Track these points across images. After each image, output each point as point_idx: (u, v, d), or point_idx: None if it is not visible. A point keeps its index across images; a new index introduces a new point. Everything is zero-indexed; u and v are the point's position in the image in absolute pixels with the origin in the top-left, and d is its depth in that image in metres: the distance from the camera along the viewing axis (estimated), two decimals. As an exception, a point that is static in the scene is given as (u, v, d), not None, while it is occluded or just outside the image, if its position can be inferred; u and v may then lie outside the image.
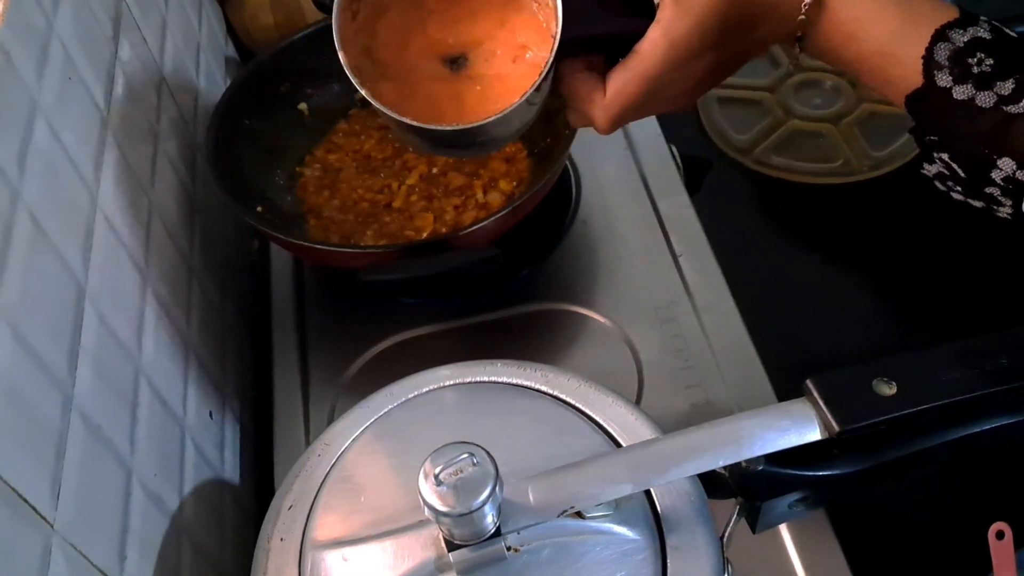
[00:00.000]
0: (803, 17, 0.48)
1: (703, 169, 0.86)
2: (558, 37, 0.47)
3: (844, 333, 0.80)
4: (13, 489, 0.37)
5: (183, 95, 0.74)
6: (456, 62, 0.51)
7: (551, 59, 0.47)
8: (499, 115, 0.47)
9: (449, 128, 0.48)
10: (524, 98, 0.47)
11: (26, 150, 0.45)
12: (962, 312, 0.80)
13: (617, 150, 0.81)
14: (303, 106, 0.81)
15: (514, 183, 0.75)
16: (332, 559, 0.41)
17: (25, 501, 0.37)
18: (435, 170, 0.77)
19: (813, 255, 0.88)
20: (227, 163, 0.72)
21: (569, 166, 0.81)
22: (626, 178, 0.80)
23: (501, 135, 0.51)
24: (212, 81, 0.84)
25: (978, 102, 0.45)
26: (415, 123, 0.47)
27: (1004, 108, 0.44)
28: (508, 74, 0.51)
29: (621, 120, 0.51)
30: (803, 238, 0.90)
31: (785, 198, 0.92)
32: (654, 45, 0.48)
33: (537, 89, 0.47)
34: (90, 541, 0.42)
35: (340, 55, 0.48)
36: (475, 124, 0.48)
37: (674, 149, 0.82)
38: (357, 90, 0.48)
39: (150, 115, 0.65)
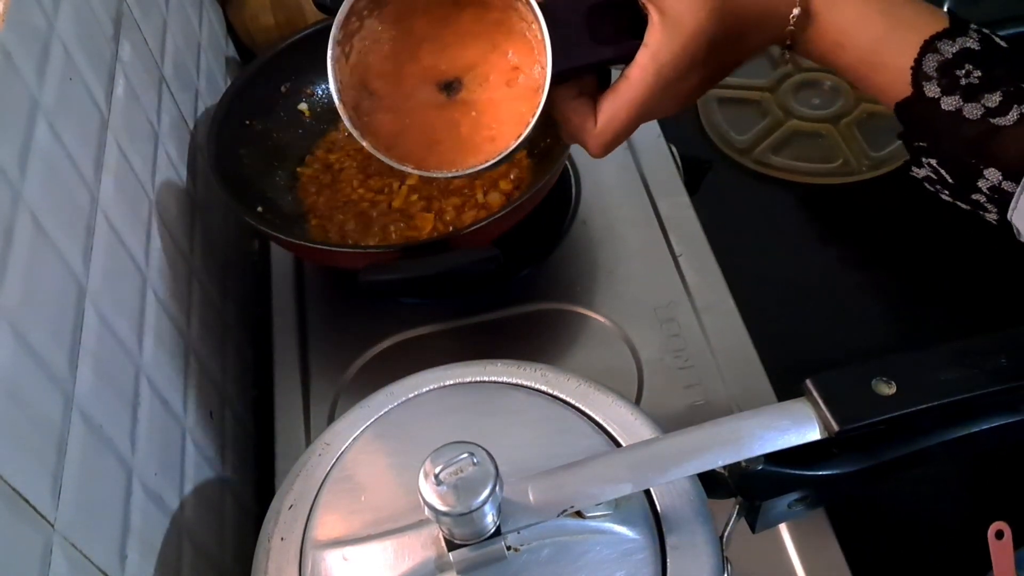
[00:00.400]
0: (791, 27, 0.48)
1: (703, 169, 0.86)
2: (548, 78, 0.47)
3: (844, 333, 0.80)
4: (14, 489, 0.37)
5: (183, 95, 0.74)
6: (450, 87, 0.52)
7: (542, 101, 0.47)
8: (490, 162, 0.49)
9: (445, 175, 0.50)
10: (516, 143, 0.48)
11: (27, 150, 0.45)
12: (962, 312, 0.80)
13: (617, 151, 0.81)
14: (303, 106, 0.82)
15: (514, 183, 0.75)
16: (332, 558, 0.41)
17: (26, 501, 0.37)
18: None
19: (812, 255, 0.88)
20: (228, 163, 0.72)
21: (569, 166, 0.81)
22: (626, 178, 0.80)
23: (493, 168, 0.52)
24: (212, 81, 0.84)
25: (965, 113, 0.45)
26: (415, 170, 0.50)
27: (991, 120, 0.45)
28: (502, 98, 0.51)
29: (613, 145, 0.51)
30: (802, 238, 0.90)
31: (784, 198, 0.92)
32: (643, 71, 0.48)
33: (529, 131, 0.48)
34: (91, 541, 0.42)
35: (339, 107, 0.49)
36: (468, 171, 0.50)
37: (674, 149, 0.82)
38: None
39: (151, 115, 0.65)
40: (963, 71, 0.45)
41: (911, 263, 0.85)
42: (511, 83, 0.51)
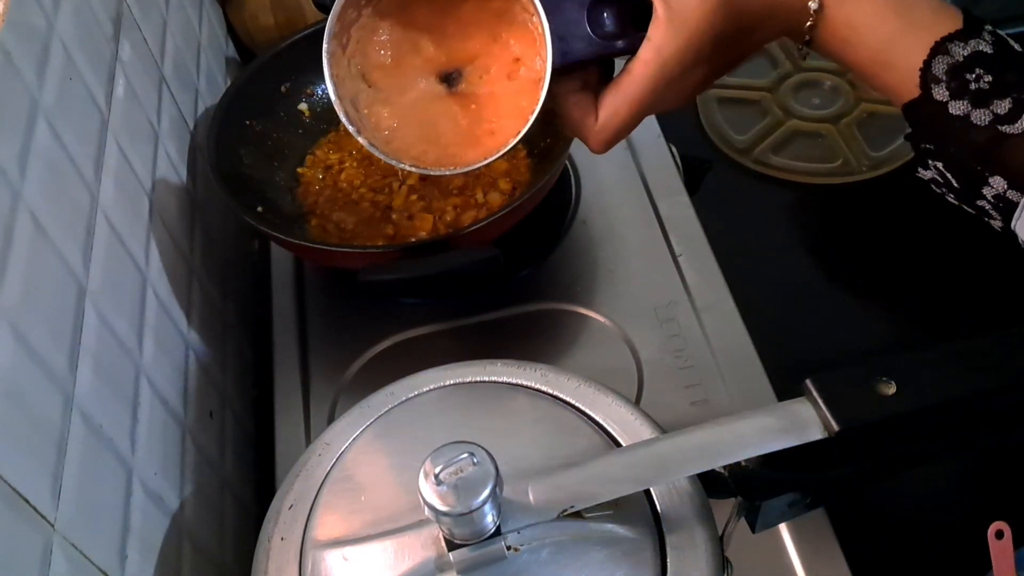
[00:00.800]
0: (811, 22, 0.47)
1: (703, 169, 0.86)
2: (548, 72, 0.46)
3: (844, 333, 0.80)
4: (14, 489, 0.37)
5: (183, 95, 0.74)
6: (450, 78, 0.51)
7: (542, 96, 0.46)
8: (488, 160, 0.48)
9: (443, 172, 0.49)
10: (515, 140, 0.48)
11: (27, 150, 0.45)
12: (961, 312, 0.80)
13: (617, 150, 0.81)
14: (303, 106, 0.82)
15: (514, 183, 0.75)
16: (332, 558, 0.41)
17: (26, 501, 0.37)
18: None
19: (813, 255, 0.88)
20: (228, 163, 0.72)
21: (569, 166, 0.81)
22: (626, 178, 0.80)
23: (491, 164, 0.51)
24: (212, 81, 0.84)
25: (973, 119, 0.44)
26: (412, 167, 0.49)
27: (999, 127, 0.44)
28: (503, 92, 0.50)
29: (614, 141, 0.50)
30: (802, 238, 0.90)
31: (784, 198, 0.92)
32: (646, 66, 0.47)
33: (529, 127, 0.48)
34: (91, 541, 0.42)
35: (335, 102, 0.48)
36: (465, 168, 0.49)
37: (674, 149, 0.82)
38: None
39: (151, 115, 0.65)
40: (973, 75, 0.44)
41: (911, 263, 0.85)
42: (512, 76, 0.51)
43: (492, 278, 0.73)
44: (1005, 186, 0.45)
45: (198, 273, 0.68)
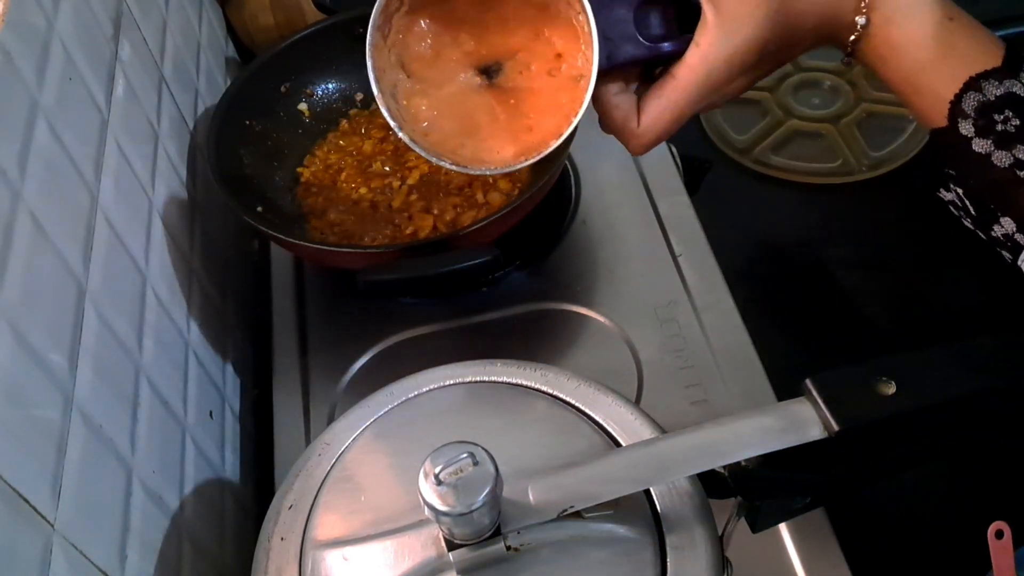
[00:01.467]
0: (855, 37, 0.47)
1: (702, 169, 0.86)
2: (593, 76, 0.45)
3: (844, 333, 0.80)
4: (13, 489, 0.37)
5: (183, 95, 0.74)
6: (490, 71, 0.51)
7: (586, 100, 0.46)
8: (530, 161, 0.48)
9: (483, 171, 0.49)
10: (558, 142, 0.47)
11: (27, 150, 0.45)
12: (962, 312, 0.80)
13: (617, 150, 0.81)
14: (303, 106, 0.82)
15: (514, 183, 0.75)
16: (332, 558, 0.41)
17: (26, 501, 0.37)
18: (435, 170, 0.77)
19: (812, 255, 0.88)
20: (227, 163, 0.72)
21: (569, 166, 0.81)
22: (626, 178, 0.80)
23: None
24: (212, 81, 0.84)
25: (994, 159, 0.44)
26: (452, 166, 0.49)
27: (1017, 172, 0.44)
28: (542, 87, 0.50)
29: (654, 145, 0.50)
30: (802, 238, 0.90)
31: (784, 198, 0.92)
32: (692, 72, 0.46)
33: (572, 129, 0.47)
34: (91, 541, 0.42)
35: (377, 96, 0.48)
36: (505, 169, 0.49)
37: (674, 149, 0.82)
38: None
39: (151, 115, 0.65)
40: (1002, 116, 0.44)
41: (911, 263, 0.85)
42: (553, 72, 0.50)
43: (492, 278, 0.73)
44: (1014, 228, 0.44)
45: (198, 273, 0.68)
